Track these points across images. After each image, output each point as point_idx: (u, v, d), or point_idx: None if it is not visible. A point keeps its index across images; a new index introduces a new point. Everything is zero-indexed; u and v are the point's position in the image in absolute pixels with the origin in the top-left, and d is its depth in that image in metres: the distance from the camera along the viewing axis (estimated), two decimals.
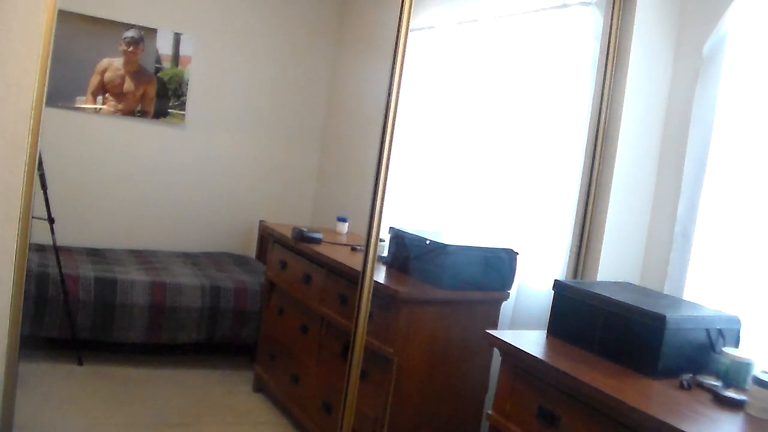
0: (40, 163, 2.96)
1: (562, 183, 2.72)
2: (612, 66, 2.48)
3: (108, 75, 4.30)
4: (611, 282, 2.37)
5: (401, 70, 2.11)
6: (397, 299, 2.45)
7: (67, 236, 4.17)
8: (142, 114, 4.44)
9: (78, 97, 4.25)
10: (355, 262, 2.82)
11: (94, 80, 4.27)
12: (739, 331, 1.96)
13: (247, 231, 4.88)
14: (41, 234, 3.60)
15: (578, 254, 2.52)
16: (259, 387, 3.65)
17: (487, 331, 2.07)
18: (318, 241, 3.23)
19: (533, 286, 2.79)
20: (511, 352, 1.96)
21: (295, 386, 3.19)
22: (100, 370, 3.60)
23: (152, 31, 4.38)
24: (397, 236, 2.83)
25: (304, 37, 4.87)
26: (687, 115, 2.38)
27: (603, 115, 2.49)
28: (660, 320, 1.80)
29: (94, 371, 3.57)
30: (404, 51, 2.10)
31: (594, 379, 1.70)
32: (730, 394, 1.68)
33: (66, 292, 3.44)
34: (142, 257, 4.22)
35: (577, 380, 1.70)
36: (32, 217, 2.07)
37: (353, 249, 3.20)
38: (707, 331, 1.89)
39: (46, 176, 3.34)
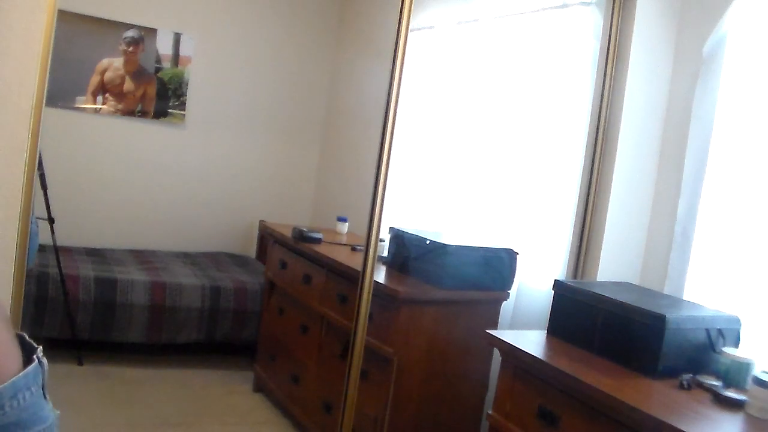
0: (40, 163, 2.95)
1: (562, 183, 2.72)
2: (612, 66, 2.48)
3: (108, 75, 4.30)
4: (611, 282, 2.37)
5: (401, 70, 2.11)
6: (397, 299, 2.45)
7: (67, 236, 4.17)
8: (142, 114, 4.44)
9: (78, 97, 4.25)
10: (355, 262, 2.82)
11: (94, 80, 4.27)
12: (739, 331, 1.96)
13: (247, 231, 4.88)
14: (41, 234, 3.58)
15: (578, 254, 2.52)
16: (259, 387, 3.64)
17: (487, 331, 2.08)
18: (318, 241, 3.23)
19: (533, 286, 2.79)
20: (511, 352, 1.96)
21: (295, 386, 3.19)
22: (100, 370, 3.60)
23: (152, 31, 4.38)
24: (397, 236, 2.83)
25: (304, 37, 4.87)
26: (687, 115, 2.38)
27: (603, 115, 2.49)
28: (660, 320, 1.80)
29: (94, 371, 3.57)
30: (404, 51, 2.10)
31: (594, 379, 1.70)
32: (730, 394, 1.68)
33: (66, 292, 3.44)
34: (142, 257, 4.22)
35: (577, 380, 1.70)
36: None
37: (353, 249, 3.20)
38: (707, 331, 1.89)
39: (46, 176, 3.33)
